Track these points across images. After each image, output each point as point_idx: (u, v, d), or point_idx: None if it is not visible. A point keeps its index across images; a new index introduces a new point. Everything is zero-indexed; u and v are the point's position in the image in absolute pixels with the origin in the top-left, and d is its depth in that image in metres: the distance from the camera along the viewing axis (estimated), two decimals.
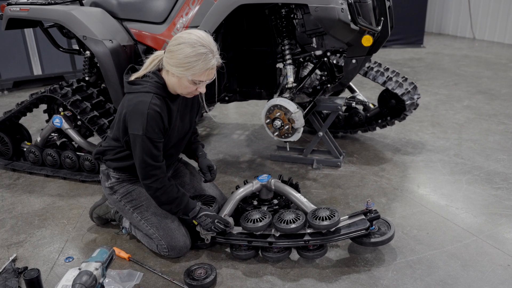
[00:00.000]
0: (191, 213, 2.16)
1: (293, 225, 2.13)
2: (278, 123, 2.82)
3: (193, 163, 2.59)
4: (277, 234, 2.18)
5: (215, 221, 2.18)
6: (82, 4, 3.16)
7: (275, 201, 2.48)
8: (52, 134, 3.31)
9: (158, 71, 2.08)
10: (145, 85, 2.04)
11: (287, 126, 2.81)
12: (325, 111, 3.64)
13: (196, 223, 2.22)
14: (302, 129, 2.85)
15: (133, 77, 2.10)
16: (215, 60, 1.97)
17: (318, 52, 2.98)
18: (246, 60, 3.17)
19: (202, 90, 2.05)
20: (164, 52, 2.04)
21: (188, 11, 2.88)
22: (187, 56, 1.92)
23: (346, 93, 3.84)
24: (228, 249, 2.28)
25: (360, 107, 3.73)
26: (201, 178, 2.49)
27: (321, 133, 3.22)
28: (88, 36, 2.90)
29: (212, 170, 2.42)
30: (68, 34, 3.40)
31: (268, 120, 2.86)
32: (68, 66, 6.00)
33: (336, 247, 2.28)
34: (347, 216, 2.23)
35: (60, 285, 1.86)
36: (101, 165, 2.30)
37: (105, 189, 2.29)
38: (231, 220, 2.28)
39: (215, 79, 2.06)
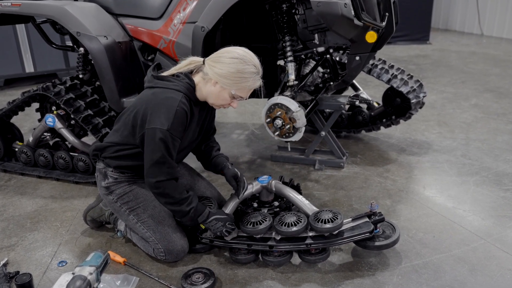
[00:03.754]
0: (201, 217, 2.11)
1: (294, 228, 2.10)
2: (279, 122, 2.79)
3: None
4: (278, 238, 2.16)
5: (227, 223, 2.15)
6: None
7: (276, 203, 2.45)
8: (45, 133, 3.29)
9: (190, 74, 2.13)
10: (177, 83, 2.06)
11: (288, 126, 2.78)
12: (327, 110, 3.62)
13: (203, 227, 2.18)
14: (303, 128, 2.82)
15: (164, 74, 2.13)
16: (260, 82, 2.08)
17: (321, 49, 2.96)
18: None
19: (235, 105, 2.13)
20: (205, 60, 2.09)
21: (185, 6, 2.87)
22: (240, 71, 2.00)
23: (349, 91, 3.84)
24: (227, 253, 2.25)
25: (364, 106, 3.74)
26: (198, 179, 2.48)
27: (323, 133, 3.20)
28: (82, 32, 2.89)
29: (238, 178, 2.36)
30: (61, 30, 3.41)
31: (269, 119, 2.83)
32: (61, 63, 6.01)
33: (339, 251, 2.26)
34: (350, 219, 2.21)
35: None
36: (98, 163, 2.26)
37: (101, 188, 2.25)
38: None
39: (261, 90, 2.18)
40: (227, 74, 1.99)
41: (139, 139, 2.06)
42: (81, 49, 3.26)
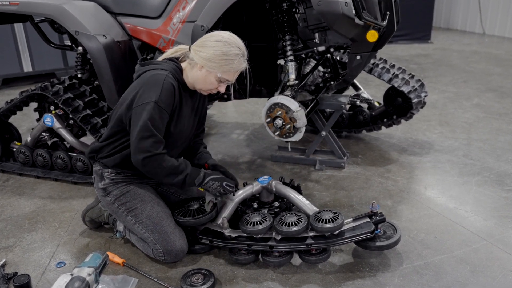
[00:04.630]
0: (197, 179, 2.12)
1: (295, 228, 2.09)
2: (279, 122, 2.77)
3: None
4: (278, 238, 2.14)
5: (224, 183, 2.18)
6: None
7: (276, 204, 2.43)
8: (43, 133, 3.28)
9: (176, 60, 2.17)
10: (163, 65, 2.10)
11: (289, 126, 2.77)
12: (328, 110, 3.61)
13: (202, 189, 2.21)
14: (304, 128, 2.81)
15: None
16: (246, 64, 2.10)
17: (321, 48, 2.96)
18: None
19: (222, 89, 2.14)
20: (191, 47, 2.11)
21: (185, 5, 2.86)
22: (224, 53, 2.02)
23: (350, 91, 3.83)
24: (227, 253, 2.24)
25: (365, 106, 3.73)
26: None
27: (324, 133, 3.18)
28: (81, 31, 2.88)
29: (222, 168, 2.36)
30: (59, 29, 3.39)
31: (269, 119, 2.82)
32: (59, 63, 5.99)
33: (340, 251, 2.24)
34: (351, 219, 2.19)
35: None
36: (95, 164, 2.25)
37: (98, 190, 2.25)
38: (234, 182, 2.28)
39: (247, 76, 2.19)
40: (212, 57, 2.02)
41: (127, 121, 2.06)
42: (80, 48, 3.24)
